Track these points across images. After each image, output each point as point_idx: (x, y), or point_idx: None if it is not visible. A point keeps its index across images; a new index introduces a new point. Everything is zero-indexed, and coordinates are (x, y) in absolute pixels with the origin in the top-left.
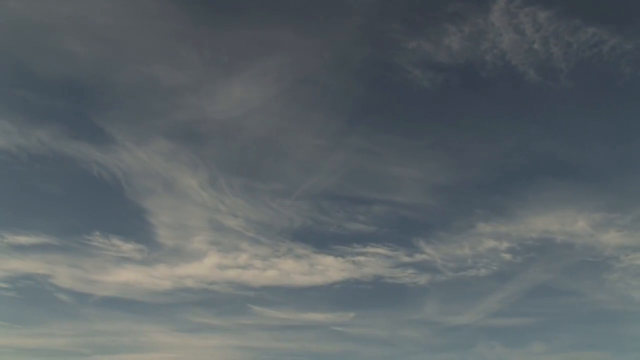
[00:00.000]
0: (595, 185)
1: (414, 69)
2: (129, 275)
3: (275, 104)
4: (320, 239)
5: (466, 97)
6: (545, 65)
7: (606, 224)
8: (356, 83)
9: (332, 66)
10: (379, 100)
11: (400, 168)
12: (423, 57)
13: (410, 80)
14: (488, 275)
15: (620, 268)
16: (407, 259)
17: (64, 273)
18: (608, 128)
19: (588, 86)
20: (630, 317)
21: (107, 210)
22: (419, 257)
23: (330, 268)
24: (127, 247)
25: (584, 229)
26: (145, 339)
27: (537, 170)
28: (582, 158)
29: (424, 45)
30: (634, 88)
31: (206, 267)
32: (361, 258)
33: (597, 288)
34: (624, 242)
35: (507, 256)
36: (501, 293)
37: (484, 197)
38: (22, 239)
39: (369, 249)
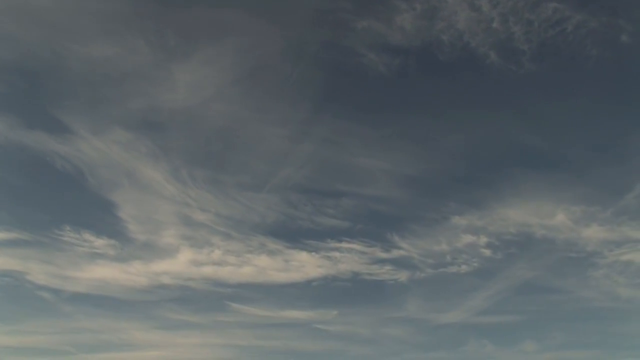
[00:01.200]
0: (571, 177)
1: (368, 52)
2: (104, 271)
3: (232, 91)
4: (292, 234)
5: (426, 83)
6: (507, 46)
7: (587, 218)
8: (315, 69)
9: (289, 51)
10: (338, 87)
11: (366, 159)
12: (375, 38)
13: (366, 65)
14: (470, 272)
15: (605, 264)
16: (383, 255)
17: (38, 269)
18: (579, 116)
19: (553, 70)
20: (618, 315)
21: (74, 204)
22: (395, 253)
23: (307, 264)
24: (100, 243)
25: (564, 223)
26: (126, 337)
27: (508, 160)
28: (554, 148)
29: (375, 25)
30: (602, 71)
31: (181, 263)
32: (336, 254)
33: (583, 285)
34: (606, 237)
35: (487, 252)
36: (485, 291)
37: (455, 189)
38: None
39: (344, 245)
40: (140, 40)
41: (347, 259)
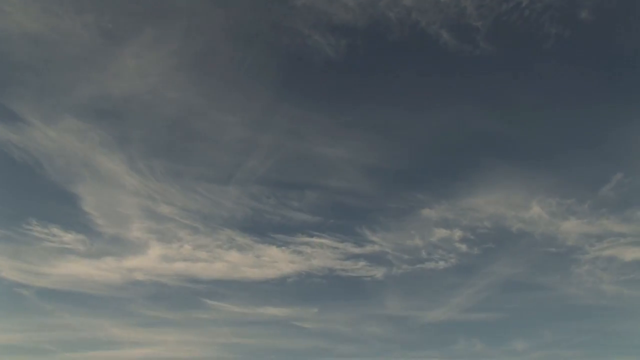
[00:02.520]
0: (542, 167)
1: (313, 33)
2: (76, 267)
3: (183, 78)
4: (259, 228)
5: (378, 67)
6: (459, 24)
7: (564, 211)
8: (264, 53)
9: (237, 34)
10: (288, 72)
11: (327, 148)
12: (318, 16)
13: (312, 47)
14: (448, 268)
15: (588, 260)
16: (356, 250)
17: (9, 265)
18: (544, 101)
19: (511, 50)
20: (605, 313)
21: (37, 196)
22: (368, 248)
23: (279, 260)
24: (69, 238)
25: (541, 216)
26: (105, 334)
27: (475, 148)
28: (522, 135)
29: (316, 1)
30: (563, 51)
31: (152, 259)
32: (307, 249)
33: (567, 283)
34: (586, 231)
35: (463, 247)
36: (468, 288)
37: (422, 179)
38: None
39: (315, 239)
40: (77, 22)
41: (319, 254)
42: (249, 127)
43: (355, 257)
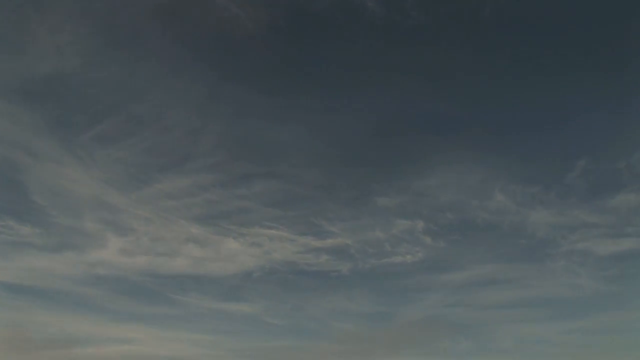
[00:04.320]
0: (498, 150)
1: (230, 5)
2: (38, 262)
3: (110, 57)
4: (214, 219)
5: (304, 42)
6: None
7: (530, 200)
8: (190, 30)
9: (157, 9)
10: (212, 49)
11: (270, 133)
12: None
13: (230, 20)
14: (416, 262)
15: (563, 255)
16: (316, 244)
17: None
18: (487, 76)
19: (445, 20)
20: (587, 310)
21: None
22: (329, 241)
23: (239, 254)
24: (25, 230)
25: (506, 205)
26: (74, 330)
27: (425, 131)
28: (471, 116)
29: None
30: (502, 19)
31: (112, 252)
32: (266, 241)
33: (544, 279)
34: (556, 222)
35: (427, 239)
36: (441, 284)
37: (373, 166)
38: None
39: (273, 232)
40: None
41: (279, 247)
42: (190, 110)
43: (317, 250)
